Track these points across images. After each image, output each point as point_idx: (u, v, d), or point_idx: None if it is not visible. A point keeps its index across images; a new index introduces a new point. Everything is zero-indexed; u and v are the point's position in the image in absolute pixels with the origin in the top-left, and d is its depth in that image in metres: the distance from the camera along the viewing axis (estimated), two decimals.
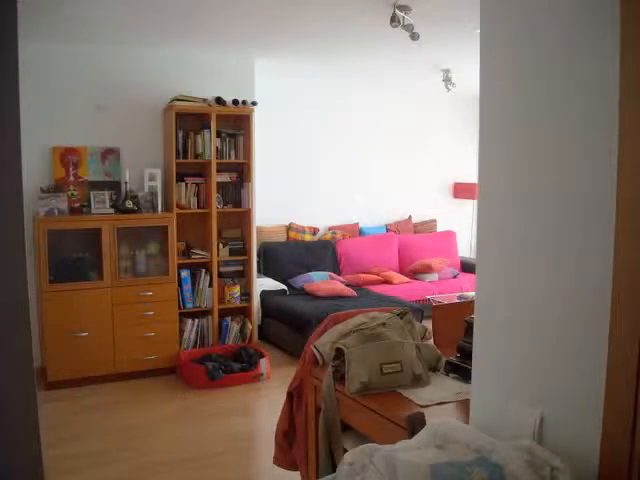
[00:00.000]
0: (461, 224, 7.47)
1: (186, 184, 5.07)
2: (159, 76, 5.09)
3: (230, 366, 4.76)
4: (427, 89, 6.81)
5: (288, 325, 5.31)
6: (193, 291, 5.12)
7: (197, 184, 5.12)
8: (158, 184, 4.99)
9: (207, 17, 4.05)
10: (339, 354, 2.27)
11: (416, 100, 7.14)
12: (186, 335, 5.08)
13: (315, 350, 2.40)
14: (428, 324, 2.64)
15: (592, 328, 1.23)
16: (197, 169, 5.17)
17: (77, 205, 4.77)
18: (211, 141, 5.03)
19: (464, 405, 1.92)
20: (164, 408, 4.27)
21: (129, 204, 4.76)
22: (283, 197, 6.45)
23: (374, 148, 6.99)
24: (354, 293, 5.78)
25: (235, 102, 5.09)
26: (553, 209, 1.32)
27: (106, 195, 4.78)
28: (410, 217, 7.33)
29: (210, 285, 5.15)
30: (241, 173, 5.35)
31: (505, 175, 1.45)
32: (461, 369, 2.24)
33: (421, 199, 7.42)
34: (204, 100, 5.01)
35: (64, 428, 3.85)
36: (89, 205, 4.74)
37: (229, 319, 5.29)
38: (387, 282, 6.37)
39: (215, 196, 5.10)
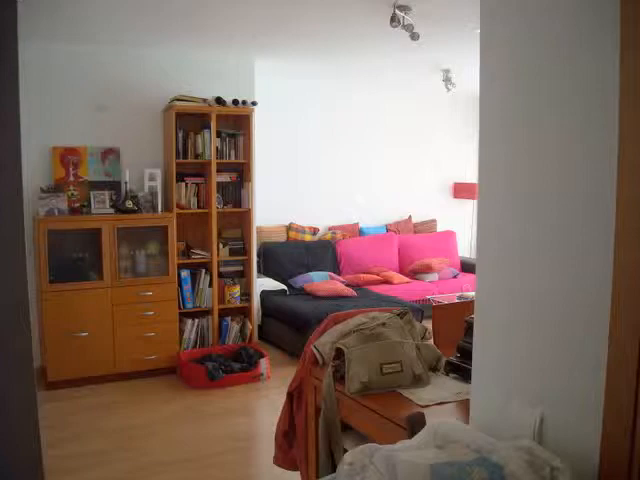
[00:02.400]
0: (461, 224, 7.47)
1: (186, 184, 5.07)
2: (159, 76, 5.09)
3: (230, 366, 4.76)
4: (427, 89, 6.80)
5: (288, 325, 5.31)
6: (193, 291, 5.12)
7: (197, 184, 5.12)
8: (158, 184, 4.99)
9: (207, 17, 4.05)
10: (339, 354, 2.27)
11: (416, 100, 7.13)
12: (186, 335, 5.08)
13: (315, 350, 2.40)
14: (428, 324, 2.64)
15: (592, 328, 1.23)
16: (197, 169, 5.17)
17: (77, 205, 4.77)
18: (211, 141, 5.03)
19: (464, 405, 1.92)
20: (164, 408, 4.26)
21: (129, 204, 4.76)
22: (283, 197, 6.44)
23: (374, 148, 6.98)
24: (354, 293, 5.77)
25: (235, 102, 5.09)
26: (553, 209, 1.32)
27: (106, 195, 4.78)
28: (410, 217, 7.33)
29: (210, 285, 5.15)
30: (241, 173, 5.35)
31: (505, 175, 1.45)
32: (461, 369, 2.23)
33: (421, 199, 7.42)
34: (204, 100, 5.01)
35: (64, 428, 3.85)
36: (89, 205, 4.74)
37: (229, 319, 5.28)
38: (387, 282, 6.36)
39: (215, 196, 5.10)
